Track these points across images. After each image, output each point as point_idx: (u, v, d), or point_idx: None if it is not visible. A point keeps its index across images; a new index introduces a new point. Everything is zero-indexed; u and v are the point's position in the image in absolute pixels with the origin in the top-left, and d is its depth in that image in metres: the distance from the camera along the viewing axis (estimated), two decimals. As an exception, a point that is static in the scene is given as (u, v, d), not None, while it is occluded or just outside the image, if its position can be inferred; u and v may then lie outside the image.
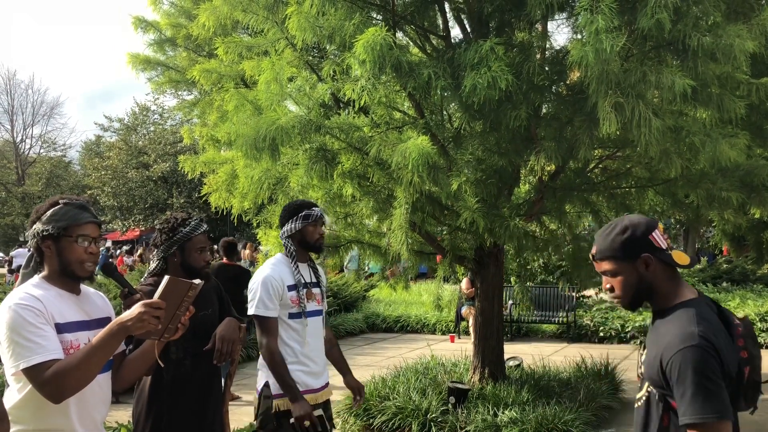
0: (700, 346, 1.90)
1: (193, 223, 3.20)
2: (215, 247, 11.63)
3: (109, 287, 9.54)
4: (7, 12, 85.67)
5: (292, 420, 3.36)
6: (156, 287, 2.32)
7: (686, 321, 1.97)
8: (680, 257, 2.07)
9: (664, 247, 2.05)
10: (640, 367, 2.18)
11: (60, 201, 2.43)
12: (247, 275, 7.42)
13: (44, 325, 2.24)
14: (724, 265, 16.97)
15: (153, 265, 3.31)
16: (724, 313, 2.06)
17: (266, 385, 3.50)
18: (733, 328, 2.02)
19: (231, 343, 3.08)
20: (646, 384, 2.11)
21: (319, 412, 3.40)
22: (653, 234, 2.05)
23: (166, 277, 2.30)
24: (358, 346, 11.60)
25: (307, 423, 3.33)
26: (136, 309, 2.20)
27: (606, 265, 2.11)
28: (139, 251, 25.28)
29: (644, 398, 2.12)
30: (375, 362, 9.79)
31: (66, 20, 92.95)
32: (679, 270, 2.11)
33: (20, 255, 24.91)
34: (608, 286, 2.14)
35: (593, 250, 2.16)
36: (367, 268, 15.70)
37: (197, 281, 2.38)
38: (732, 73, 4.92)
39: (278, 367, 3.45)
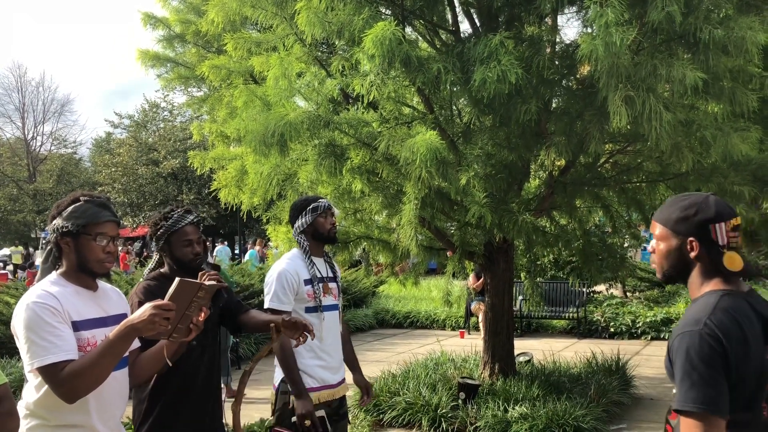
0: (700, 333, 1.77)
1: (175, 215, 3.13)
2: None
3: (120, 282, 9.58)
4: (21, 10, 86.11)
5: (293, 418, 3.37)
6: (159, 286, 2.29)
7: (701, 308, 1.85)
8: (732, 261, 1.90)
9: (720, 243, 1.91)
10: None
11: (81, 198, 2.43)
12: None
13: (60, 323, 2.25)
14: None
15: (151, 263, 3.32)
16: None
17: (283, 380, 3.50)
18: None
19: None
20: None
21: (321, 412, 3.39)
22: (716, 225, 1.90)
23: (177, 279, 2.29)
24: (368, 342, 11.61)
25: (307, 422, 3.33)
26: (147, 311, 2.20)
27: (656, 228, 2.03)
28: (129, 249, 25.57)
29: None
30: (385, 358, 9.79)
31: (80, 18, 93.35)
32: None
33: None
34: (651, 248, 2.06)
35: None
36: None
37: (208, 283, 2.36)
38: (744, 66, 4.88)
39: (288, 362, 3.46)
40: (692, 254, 1.94)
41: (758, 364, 1.81)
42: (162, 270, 3.21)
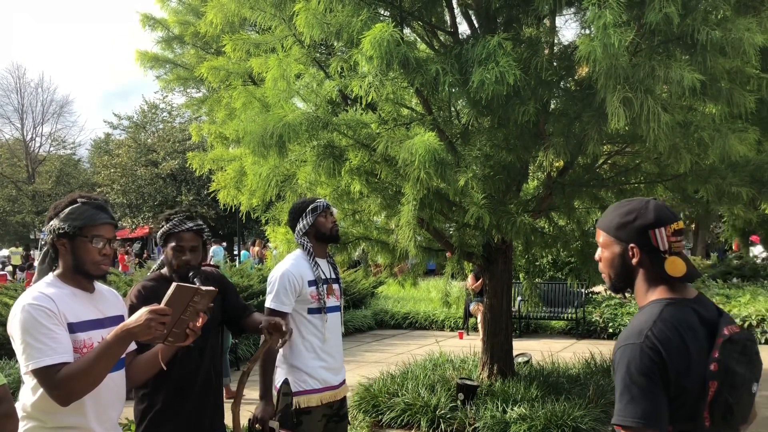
0: (639, 345, 1.76)
1: (175, 219, 3.11)
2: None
3: (119, 284, 9.59)
4: (21, 10, 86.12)
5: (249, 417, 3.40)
6: (154, 288, 2.28)
7: (644, 319, 1.83)
8: (674, 267, 1.88)
9: (661, 248, 1.89)
10: None
11: (78, 199, 2.43)
12: None
13: (55, 326, 2.24)
14: (735, 261, 16.87)
15: (159, 260, 3.32)
16: (720, 322, 1.86)
17: (285, 382, 3.50)
18: (717, 338, 1.81)
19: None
20: None
21: (275, 424, 3.40)
22: (656, 231, 1.89)
23: (173, 284, 2.29)
24: (367, 343, 11.61)
25: (258, 426, 3.35)
26: (143, 315, 2.19)
27: (600, 235, 2.03)
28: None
29: None
30: (384, 359, 9.80)
31: (80, 18, 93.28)
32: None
33: None
34: (597, 257, 2.05)
35: None
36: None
37: (204, 288, 2.35)
38: (742, 67, 4.89)
39: (265, 365, 3.48)
40: (634, 261, 1.93)
41: (700, 374, 1.78)
42: (162, 271, 3.22)
